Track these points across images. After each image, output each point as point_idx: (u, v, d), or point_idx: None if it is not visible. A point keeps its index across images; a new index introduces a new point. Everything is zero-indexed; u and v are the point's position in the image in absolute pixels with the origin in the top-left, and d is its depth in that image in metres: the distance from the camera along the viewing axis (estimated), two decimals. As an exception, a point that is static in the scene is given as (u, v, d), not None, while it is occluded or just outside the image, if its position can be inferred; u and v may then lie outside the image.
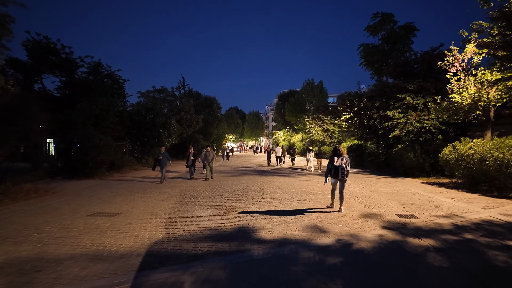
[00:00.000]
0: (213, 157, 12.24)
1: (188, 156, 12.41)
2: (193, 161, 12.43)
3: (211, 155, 12.16)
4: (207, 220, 5.69)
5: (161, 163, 11.17)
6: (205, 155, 12.15)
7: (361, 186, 10.35)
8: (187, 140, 27.67)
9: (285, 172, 15.65)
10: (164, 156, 11.29)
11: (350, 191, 9.19)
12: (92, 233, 4.92)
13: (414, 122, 14.19)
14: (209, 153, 12.20)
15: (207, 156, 12.13)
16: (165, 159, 11.29)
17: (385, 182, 11.43)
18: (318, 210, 6.52)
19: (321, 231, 4.96)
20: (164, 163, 11.21)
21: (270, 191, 9.17)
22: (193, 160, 12.45)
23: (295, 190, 9.46)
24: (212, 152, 12.29)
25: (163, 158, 11.21)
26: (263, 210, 6.53)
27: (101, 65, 19.22)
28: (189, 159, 12.35)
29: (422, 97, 14.02)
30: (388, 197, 8.26)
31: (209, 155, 12.15)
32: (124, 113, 18.37)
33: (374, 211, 6.52)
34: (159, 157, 11.21)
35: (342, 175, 6.18)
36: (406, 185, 10.74)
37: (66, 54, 14.72)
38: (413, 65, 15.60)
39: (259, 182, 11.35)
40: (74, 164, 12.58)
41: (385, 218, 5.87)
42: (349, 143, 23.92)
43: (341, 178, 6.23)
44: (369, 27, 19.51)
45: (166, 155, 11.42)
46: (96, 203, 7.53)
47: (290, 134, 45.51)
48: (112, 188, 10.02)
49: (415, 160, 12.66)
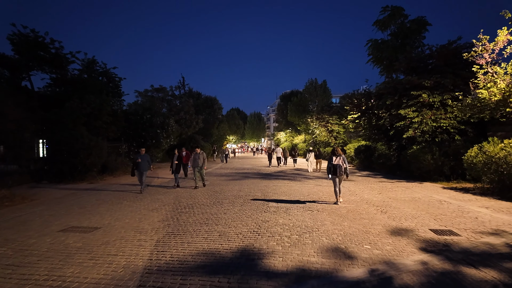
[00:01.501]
0: (204, 160, 10.26)
1: (173, 160, 10.91)
2: (177, 165, 10.82)
3: (201, 158, 10.18)
4: (202, 238, 4.64)
5: (140, 167, 9.34)
6: (194, 158, 10.20)
7: (377, 192, 9.28)
8: (186, 141, 26.66)
9: (290, 175, 14.60)
10: (144, 160, 9.50)
11: (366, 198, 8.13)
12: (55, 258, 3.88)
13: (430, 122, 13.09)
14: (199, 156, 10.19)
15: (196, 159, 10.15)
16: (145, 163, 9.53)
17: (402, 187, 10.35)
18: (336, 224, 5.46)
19: (346, 256, 3.90)
20: (143, 167, 9.39)
21: (275, 199, 8.11)
22: (178, 164, 10.86)
23: (304, 197, 8.40)
24: (203, 154, 10.27)
25: (142, 161, 9.41)
26: (270, 224, 5.47)
27: (95, 62, 18.27)
28: (173, 163, 10.77)
29: (438, 94, 12.92)
30: (412, 205, 7.19)
31: (198, 158, 10.17)
32: (118, 113, 17.40)
33: (403, 225, 5.45)
34: (138, 160, 9.40)
35: (340, 172, 7.11)
36: (426, 190, 9.66)
37: (56, 49, 13.73)
38: (428, 60, 14.51)
39: (262, 187, 10.29)
40: (62, 167, 11.57)
41: (419, 235, 4.80)
42: (355, 144, 22.84)
43: (339, 175, 7.14)
44: (378, 21, 18.46)
45: (147, 158, 9.65)
46: (75, 213, 6.50)
47: (293, 135, 44.46)
48: (99, 195, 8.99)
49: (433, 163, 11.58)
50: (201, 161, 10.18)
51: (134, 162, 9.60)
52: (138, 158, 9.42)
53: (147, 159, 9.64)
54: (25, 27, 12.69)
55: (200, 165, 10.18)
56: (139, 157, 9.44)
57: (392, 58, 17.61)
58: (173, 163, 10.77)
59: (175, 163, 10.73)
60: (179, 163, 10.78)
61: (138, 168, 9.36)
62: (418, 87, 13.30)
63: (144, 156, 9.57)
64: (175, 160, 10.75)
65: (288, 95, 47.71)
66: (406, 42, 17.88)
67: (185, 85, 32.49)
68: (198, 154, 10.24)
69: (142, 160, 9.44)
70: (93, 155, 12.04)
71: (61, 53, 13.97)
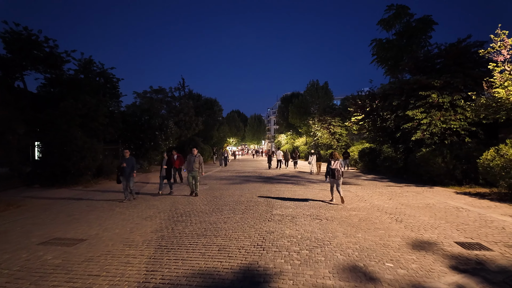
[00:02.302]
0: (201, 165, 8.90)
1: (161, 164, 9.44)
2: (167, 170, 9.24)
3: (196, 161, 8.77)
4: (199, 254, 4.07)
5: (124, 173, 8.06)
6: (189, 161, 8.83)
7: (387, 198, 8.72)
8: (186, 143, 26.12)
9: (292, 179, 14.03)
10: (129, 164, 8.11)
11: (376, 205, 7.56)
12: (26, 280, 3.31)
13: (439, 123, 12.56)
14: (195, 159, 8.79)
15: (191, 162, 8.76)
16: (130, 168, 8.13)
17: (412, 192, 9.78)
18: (349, 235, 4.89)
19: (366, 277, 3.33)
20: (129, 172, 8.12)
21: (279, 205, 7.54)
22: (168, 169, 9.25)
23: (309, 203, 7.83)
24: (199, 157, 8.91)
25: (127, 166, 8.07)
26: (276, 236, 4.91)
27: (92, 63, 17.75)
28: (162, 168, 9.34)
29: (448, 94, 12.39)
30: (428, 213, 6.62)
31: (194, 161, 8.76)
32: (115, 114, 16.89)
33: (423, 236, 4.88)
34: (122, 164, 8.05)
35: (338, 176, 7.52)
36: (438, 196, 9.09)
37: (50, 47, 13.22)
38: (435, 59, 14.00)
39: (265, 192, 9.72)
40: (54, 170, 11.02)
41: (445, 250, 4.23)
42: (359, 147, 22.28)
43: (337, 178, 7.55)
44: (382, 20, 18.00)
45: (132, 162, 8.23)
46: (61, 222, 5.94)
47: (294, 137, 43.92)
48: (91, 200, 8.43)
49: (444, 166, 11.01)
50: (197, 164, 8.84)
51: (118, 167, 8.23)
52: (123, 162, 8.15)
53: (132, 163, 8.28)
54: (17, 25, 12.20)
55: (196, 169, 8.84)
56: (124, 161, 8.18)
57: (398, 58, 17.14)
58: (162, 168, 9.38)
59: (164, 168, 9.32)
60: (168, 168, 9.28)
61: (124, 174, 8.11)
62: (427, 87, 12.79)
63: (129, 160, 8.27)
64: (164, 165, 9.35)
65: (289, 97, 47.27)
66: (412, 42, 17.41)
67: (185, 86, 31.98)
68: (194, 157, 8.88)
69: (127, 164, 8.15)
70: (87, 157, 11.50)
71: (55, 52, 13.47)
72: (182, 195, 9.17)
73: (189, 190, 9.66)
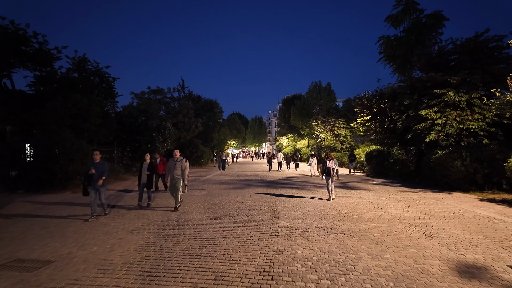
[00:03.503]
0: (184, 171, 7.29)
1: (141, 169, 7.64)
2: (149, 177, 7.48)
3: (178, 166, 7.08)
4: (190, 285, 3.18)
5: (93, 180, 6.26)
6: (169, 166, 7.17)
7: (404, 205, 7.81)
8: (185, 145, 25.28)
9: (297, 183, 13.12)
10: (99, 170, 6.32)
11: (395, 214, 6.67)
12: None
13: (455, 123, 11.67)
14: (175, 163, 7.10)
15: (171, 167, 7.09)
16: (100, 175, 6.33)
17: (431, 199, 8.88)
18: (376, 257, 4.00)
19: (416, 326, 2.44)
20: (98, 181, 6.31)
21: (286, 214, 6.65)
22: (150, 176, 7.49)
23: (320, 212, 6.93)
24: (182, 162, 7.21)
25: (97, 173, 6.29)
26: (286, 257, 4.01)
27: (86, 61, 16.97)
28: (142, 174, 7.53)
29: (465, 92, 11.52)
30: (458, 225, 5.72)
31: (174, 167, 7.05)
32: (109, 114, 16.07)
33: (466, 258, 3.98)
34: (91, 170, 6.27)
35: (332, 173, 8.41)
36: (461, 203, 8.19)
37: (40, 43, 12.42)
38: (449, 56, 13.15)
39: (269, 199, 8.83)
40: (39, 174, 10.16)
41: (503, 279, 3.33)
42: (365, 149, 21.37)
43: (332, 175, 8.42)
44: (390, 17, 17.20)
45: (103, 168, 6.42)
46: (31, 237, 5.06)
47: (295, 139, 43.04)
48: (75, 208, 7.55)
49: (463, 170, 10.11)
50: (178, 170, 7.08)
51: (85, 175, 6.42)
52: (91, 167, 6.29)
53: (102, 168, 6.40)
54: (3, 18, 11.40)
55: (178, 177, 7.03)
56: (92, 167, 6.31)
57: (407, 55, 16.29)
58: (142, 174, 7.52)
59: (145, 173, 7.47)
60: (151, 174, 7.55)
61: (91, 182, 6.27)
62: (441, 85, 11.92)
63: (99, 165, 6.39)
64: (145, 171, 7.51)
65: (290, 99, 46.48)
66: (421, 38, 16.57)
67: (184, 88, 31.18)
68: (175, 161, 7.12)
69: (97, 170, 6.29)
70: (76, 160, 10.63)
71: (45, 48, 12.66)
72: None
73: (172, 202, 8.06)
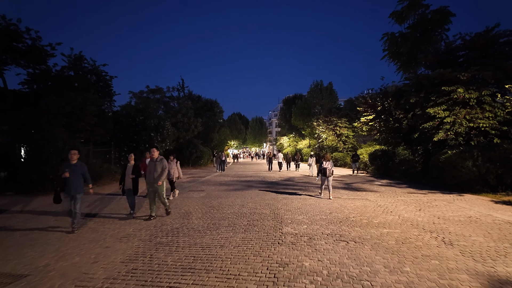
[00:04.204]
0: (162, 172, 6.08)
1: (124, 171, 6.44)
2: (135, 181, 6.33)
3: (157, 168, 6.09)
4: (180, 307, 2.71)
5: (68, 185, 5.18)
6: (149, 168, 6.20)
7: (415, 208, 7.32)
8: (184, 145, 24.83)
9: (299, 184, 12.63)
10: (75, 173, 5.27)
11: (407, 218, 6.18)
12: None
13: (465, 122, 11.18)
14: (155, 164, 6.12)
15: (151, 169, 6.13)
16: (78, 178, 5.31)
17: (442, 201, 8.38)
18: (394, 270, 3.51)
19: None
20: (76, 187, 5.23)
21: (290, 219, 6.16)
22: (135, 179, 6.34)
23: (326, 216, 6.44)
24: (162, 162, 6.16)
25: (73, 175, 5.22)
26: (292, 271, 3.53)
27: (83, 59, 16.55)
28: (126, 178, 6.34)
29: (475, 90, 11.03)
30: (478, 231, 5.23)
31: (154, 168, 6.09)
32: (106, 113, 15.62)
33: (497, 271, 3.49)
34: (65, 173, 5.16)
35: (328, 173, 8.64)
36: (475, 206, 7.70)
37: (33, 39, 11.98)
38: (457, 52, 12.66)
39: (270, 201, 8.34)
40: (30, 175, 9.69)
41: (546, 299, 2.84)
42: (368, 149, 20.89)
43: (328, 176, 8.66)
44: (395, 13, 16.71)
45: (82, 170, 5.39)
46: (8, 245, 4.58)
47: (296, 139, 42.56)
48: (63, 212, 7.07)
49: (475, 171, 9.62)
50: (157, 172, 6.05)
51: (58, 179, 5.33)
52: (66, 170, 5.18)
53: (82, 171, 5.37)
54: (-7, 13, 11.02)
55: (154, 180, 6.05)
56: (67, 168, 5.20)
57: (413, 52, 15.80)
58: (126, 178, 6.32)
59: (130, 177, 6.28)
60: (136, 177, 6.35)
61: (67, 189, 5.20)
62: (450, 82, 11.43)
63: (75, 167, 5.28)
64: (130, 174, 6.29)
65: (291, 99, 46.00)
66: (427, 35, 16.08)
67: (184, 87, 30.73)
68: (155, 162, 6.16)
69: (73, 173, 5.20)
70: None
71: (38, 44, 12.21)
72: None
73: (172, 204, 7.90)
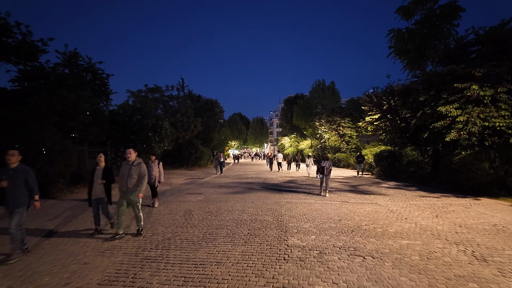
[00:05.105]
0: (140, 180, 4.96)
1: (92, 176, 5.23)
2: (106, 186, 5.22)
3: (133, 172, 4.94)
4: None
5: (8, 199, 4.00)
6: (122, 173, 5.02)
7: (431, 214, 6.69)
8: (183, 145, 24.24)
9: (303, 186, 11.99)
10: (15, 180, 4.02)
11: (425, 226, 5.55)
12: None
13: (479, 121, 10.55)
14: (131, 168, 4.98)
15: (124, 173, 4.97)
16: (18, 187, 4.04)
17: (458, 206, 7.75)
18: (425, 297, 2.88)
19: None
20: (16, 198, 4.02)
21: (295, 227, 5.54)
22: (106, 186, 5.21)
23: (335, 224, 5.82)
24: (139, 167, 5.01)
25: (11, 184, 3.99)
26: (301, 295, 2.91)
27: (78, 56, 15.96)
28: (95, 184, 5.13)
29: (489, 87, 10.39)
30: (510, 242, 4.61)
31: (129, 173, 4.94)
32: (101, 112, 15.03)
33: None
34: (2, 180, 3.94)
35: (326, 172, 9.16)
36: (496, 211, 7.07)
37: (23, 34, 11.43)
38: (469, 47, 12.03)
39: (273, 206, 7.72)
40: (16, 177, 9.09)
41: None
42: (373, 150, 20.24)
43: (325, 174, 9.19)
44: (401, 8, 16.08)
45: (24, 177, 4.10)
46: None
47: (298, 140, 41.88)
48: (45, 218, 6.47)
49: (492, 173, 8.98)
50: (134, 179, 4.90)
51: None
52: (4, 175, 3.99)
53: (26, 176, 4.11)
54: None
55: (128, 189, 4.88)
56: (5, 175, 3.98)
57: (421, 49, 15.17)
58: (94, 184, 5.13)
59: (99, 183, 5.10)
60: (108, 183, 5.21)
61: (5, 202, 4.02)
62: (462, 79, 10.79)
63: (16, 173, 4.05)
64: (100, 179, 5.13)
65: (292, 99, 45.35)
66: (435, 31, 15.44)
67: (184, 87, 30.12)
68: (130, 165, 4.98)
69: (15, 180, 4.01)
70: (59, 162, 9.57)
71: (29, 40, 11.65)
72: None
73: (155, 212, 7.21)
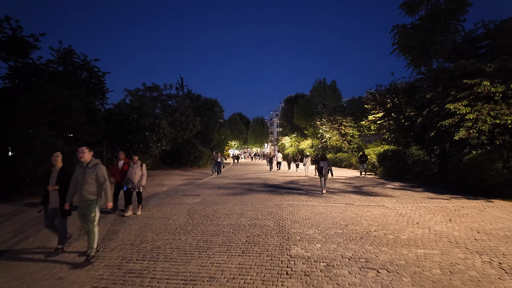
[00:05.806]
0: (102, 183, 3.90)
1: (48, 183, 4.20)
2: (61, 194, 4.13)
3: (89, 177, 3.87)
4: None
5: None
6: (75, 177, 3.94)
7: (444, 218, 6.22)
8: (182, 146, 23.76)
9: (304, 187, 11.50)
10: None
11: (440, 232, 5.06)
12: None
13: (489, 119, 10.07)
14: (87, 172, 3.88)
15: (78, 178, 3.89)
16: None
17: (471, 208, 7.27)
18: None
19: None
20: None
21: (299, 234, 5.06)
22: (61, 192, 4.13)
23: (342, 229, 5.33)
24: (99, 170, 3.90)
25: None
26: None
27: (73, 53, 15.54)
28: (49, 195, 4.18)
29: (501, 83, 9.92)
30: (539, 252, 4.12)
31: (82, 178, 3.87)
32: (97, 111, 14.56)
33: None
34: None
35: (325, 172, 9.54)
36: (513, 215, 6.58)
37: (13, 30, 11.00)
38: (478, 43, 11.55)
39: (274, 209, 7.24)
40: (2, 178, 8.63)
41: None
42: (375, 149, 19.71)
43: (324, 174, 9.57)
44: (406, 3, 15.61)
45: None
46: None
47: (298, 139, 41.38)
48: (28, 224, 6.00)
49: (506, 173, 8.50)
50: (91, 185, 3.88)
51: None
52: None
53: None
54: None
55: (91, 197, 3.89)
56: None
57: (426, 45, 14.68)
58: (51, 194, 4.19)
59: (51, 189, 4.18)
60: (62, 189, 4.16)
61: None
62: (472, 75, 10.31)
63: None
64: (53, 183, 4.20)
65: (293, 98, 44.85)
66: (440, 27, 14.96)
67: (183, 86, 29.63)
68: (84, 168, 3.92)
69: None
70: (48, 162, 9.09)
71: (19, 35, 11.20)
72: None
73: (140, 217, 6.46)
